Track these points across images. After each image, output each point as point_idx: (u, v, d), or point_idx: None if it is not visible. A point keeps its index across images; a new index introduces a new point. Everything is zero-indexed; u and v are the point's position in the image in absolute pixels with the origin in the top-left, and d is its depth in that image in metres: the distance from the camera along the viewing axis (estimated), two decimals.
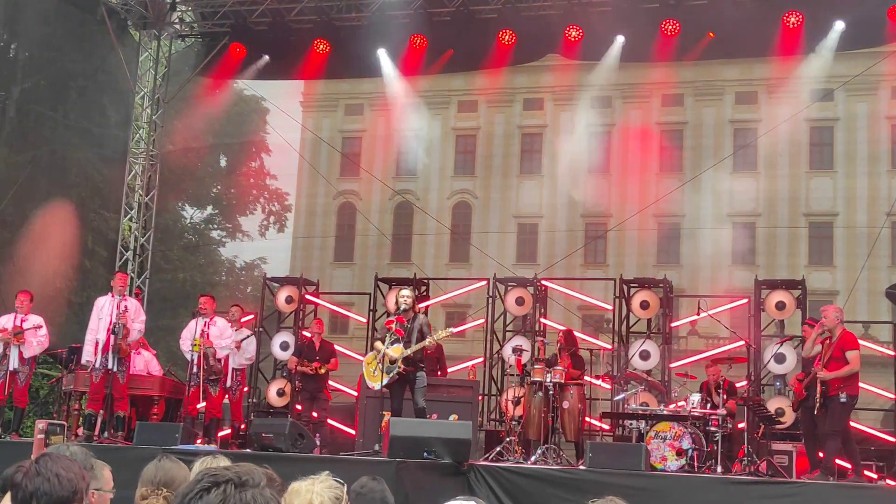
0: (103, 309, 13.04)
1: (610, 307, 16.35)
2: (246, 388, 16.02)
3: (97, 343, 12.87)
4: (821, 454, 11.46)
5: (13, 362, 13.19)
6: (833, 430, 11.01)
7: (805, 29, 16.30)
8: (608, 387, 15.25)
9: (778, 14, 16.23)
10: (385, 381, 11.41)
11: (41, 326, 13.41)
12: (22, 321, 13.33)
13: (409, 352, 11.43)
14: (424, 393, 11.69)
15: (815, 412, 11.25)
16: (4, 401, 13.27)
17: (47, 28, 21.09)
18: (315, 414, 14.66)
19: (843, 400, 10.93)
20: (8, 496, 3.40)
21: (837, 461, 11.36)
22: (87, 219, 24.45)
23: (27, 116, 22.34)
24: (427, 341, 11.51)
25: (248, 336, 14.81)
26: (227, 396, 14.11)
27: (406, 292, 11.97)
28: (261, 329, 16.79)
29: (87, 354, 13.00)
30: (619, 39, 17.24)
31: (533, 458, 12.01)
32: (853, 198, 33.76)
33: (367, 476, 5.01)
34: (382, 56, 18.48)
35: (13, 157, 21.48)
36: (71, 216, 22.78)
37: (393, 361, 11.42)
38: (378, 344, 11.79)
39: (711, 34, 16.54)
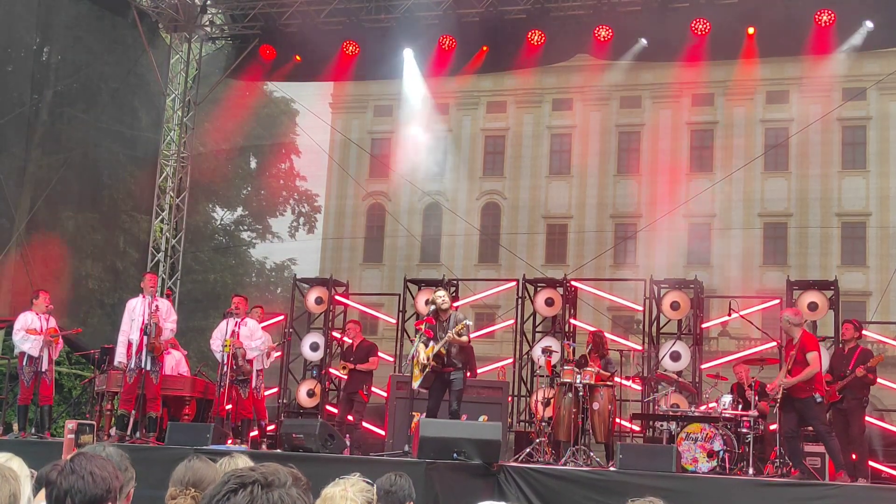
0: (135, 310, 13.09)
1: (640, 308, 16.27)
2: (276, 389, 16.12)
3: (130, 344, 12.93)
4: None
5: (44, 363, 13.29)
6: (826, 430, 10.96)
7: (837, 28, 16.15)
8: (638, 388, 15.19)
9: (810, 13, 16.09)
10: (419, 383, 11.40)
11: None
12: (47, 320, 13.42)
13: (436, 349, 11.37)
14: (461, 396, 11.65)
15: (777, 413, 11.19)
16: (30, 399, 13.37)
17: (79, 31, 21.27)
18: (351, 418, 14.64)
19: (818, 400, 10.90)
20: (42, 493, 3.43)
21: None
22: (119, 220, 24.64)
23: (60, 119, 22.52)
24: (448, 336, 11.41)
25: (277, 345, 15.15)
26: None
27: (441, 293, 11.90)
28: (291, 330, 16.87)
29: (120, 356, 13.04)
30: (642, 42, 17.18)
31: (563, 460, 11.97)
32: (886, 197, 33.45)
33: (392, 472, 5.01)
34: (410, 57, 18.50)
35: (46, 159, 21.67)
36: (102, 218, 22.97)
37: (425, 362, 11.40)
38: (420, 346, 11.71)
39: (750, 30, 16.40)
